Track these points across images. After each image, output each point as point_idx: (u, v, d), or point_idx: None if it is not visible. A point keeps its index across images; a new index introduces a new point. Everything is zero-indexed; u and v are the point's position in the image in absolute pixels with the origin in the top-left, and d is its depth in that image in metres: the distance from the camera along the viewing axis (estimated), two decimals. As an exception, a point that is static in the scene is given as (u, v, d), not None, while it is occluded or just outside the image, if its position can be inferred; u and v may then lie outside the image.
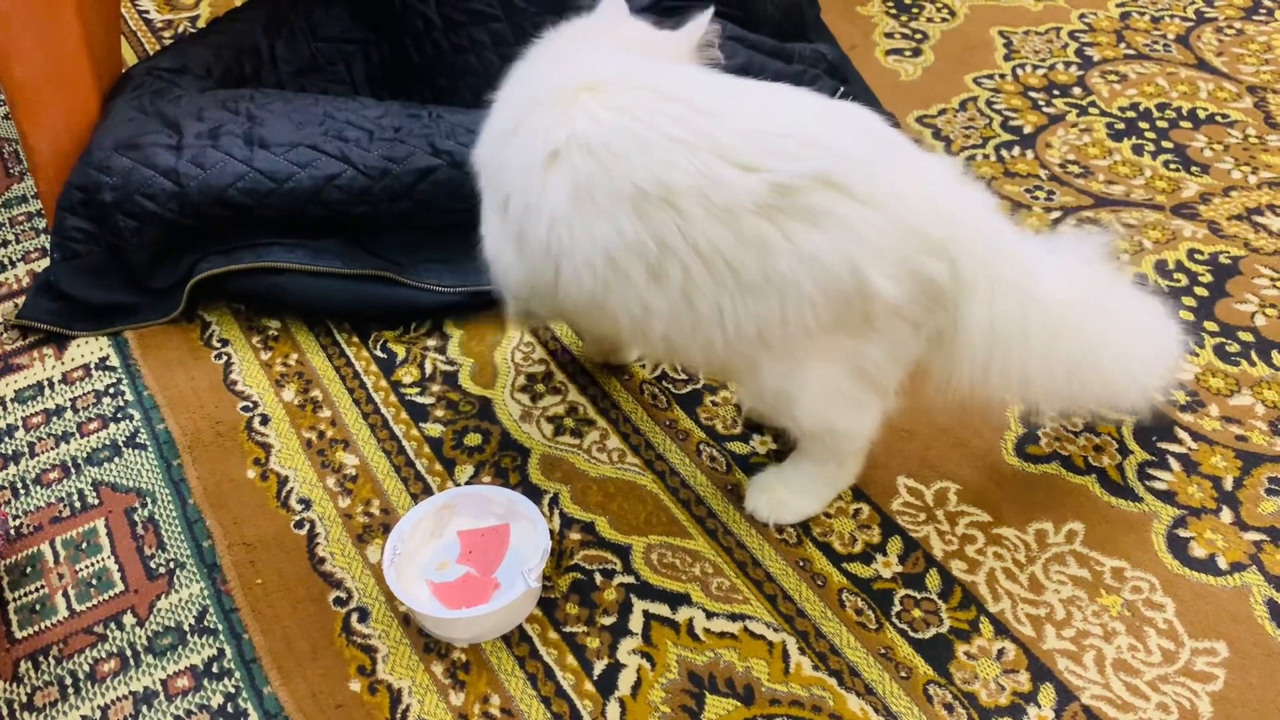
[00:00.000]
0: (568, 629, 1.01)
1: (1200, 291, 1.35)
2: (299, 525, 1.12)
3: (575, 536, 1.09)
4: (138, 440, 1.21)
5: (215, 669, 1.00)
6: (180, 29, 1.96)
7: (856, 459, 1.10)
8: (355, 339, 1.33)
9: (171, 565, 1.09)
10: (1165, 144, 1.60)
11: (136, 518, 1.13)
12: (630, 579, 1.05)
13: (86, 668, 1.00)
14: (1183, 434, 1.18)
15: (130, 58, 1.87)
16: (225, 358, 1.31)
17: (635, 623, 1.02)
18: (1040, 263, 0.96)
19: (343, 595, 1.05)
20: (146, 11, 2.02)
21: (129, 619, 1.04)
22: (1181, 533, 1.08)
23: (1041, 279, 0.95)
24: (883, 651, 0.99)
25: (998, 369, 0.95)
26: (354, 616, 1.03)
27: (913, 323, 0.94)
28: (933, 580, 1.05)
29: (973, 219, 0.92)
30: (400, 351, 1.31)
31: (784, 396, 0.99)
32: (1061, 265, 0.98)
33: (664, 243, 0.89)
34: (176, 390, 1.27)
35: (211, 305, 1.38)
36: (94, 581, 1.08)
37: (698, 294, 0.91)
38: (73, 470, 1.19)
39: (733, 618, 1.02)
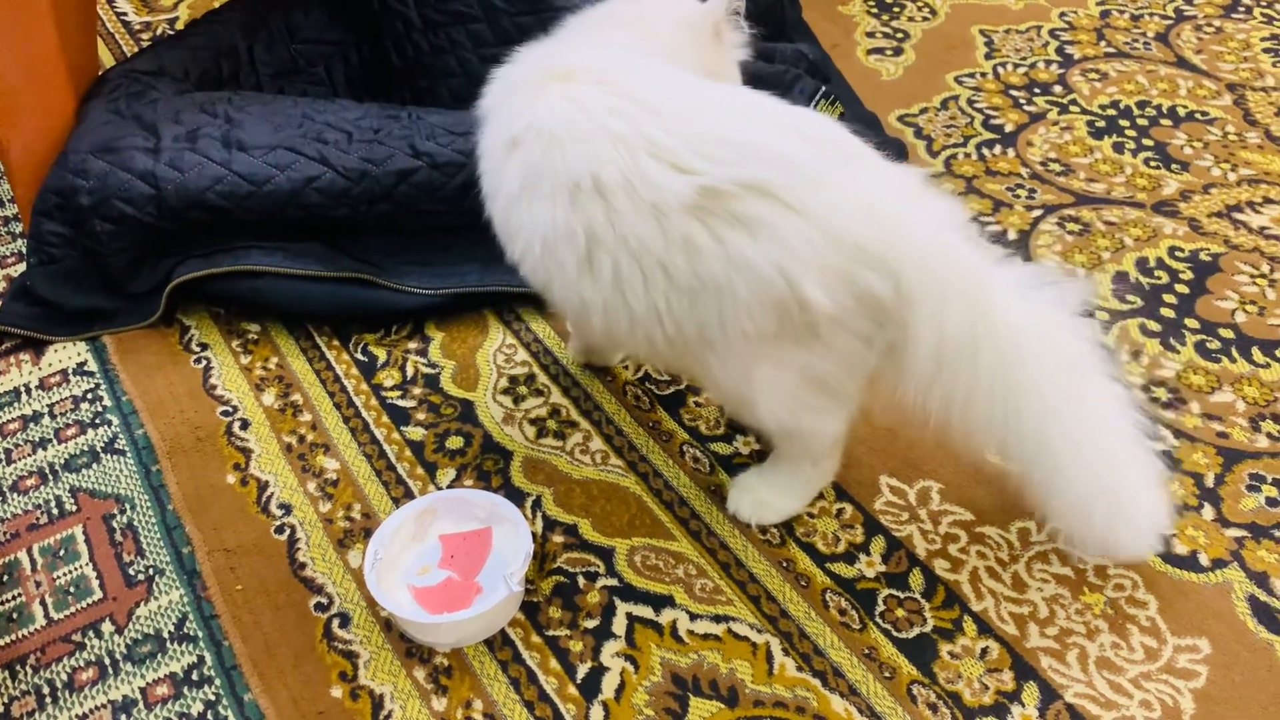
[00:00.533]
0: (551, 632, 1.01)
1: (1181, 289, 1.35)
2: (279, 530, 1.11)
3: (558, 539, 1.09)
4: (116, 446, 1.20)
5: (195, 676, 0.99)
6: (158, 31, 1.94)
7: (832, 458, 1.10)
8: (336, 342, 1.32)
9: (151, 572, 1.08)
10: (1146, 142, 1.61)
11: (115, 524, 1.12)
12: (613, 581, 1.05)
13: (64, 677, 0.99)
14: (1164, 431, 1.18)
15: (108, 59, 1.85)
16: (205, 362, 1.30)
17: (619, 625, 1.01)
18: (1000, 288, 0.93)
19: (324, 601, 1.04)
20: (124, 13, 2.01)
21: (108, 627, 1.03)
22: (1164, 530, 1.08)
23: (999, 304, 0.92)
24: (866, 652, 0.99)
25: (942, 388, 0.93)
26: (335, 622, 1.02)
27: (861, 336, 0.92)
28: (916, 579, 1.04)
29: (922, 234, 0.90)
30: (381, 354, 1.30)
31: (740, 399, 1.00)
32: (1027, 303, 0.93)
33: (593, 233, 0.90)
34: (155, 395, 1.26)
35: (190, 309, 1.37)
36: (72, 589, 1.07)
37: (630, 289, 0.91)
38: (50, 477, 1.17)
39: (716, 619, 1.01)
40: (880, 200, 0.89)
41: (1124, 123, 1.65)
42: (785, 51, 1.61)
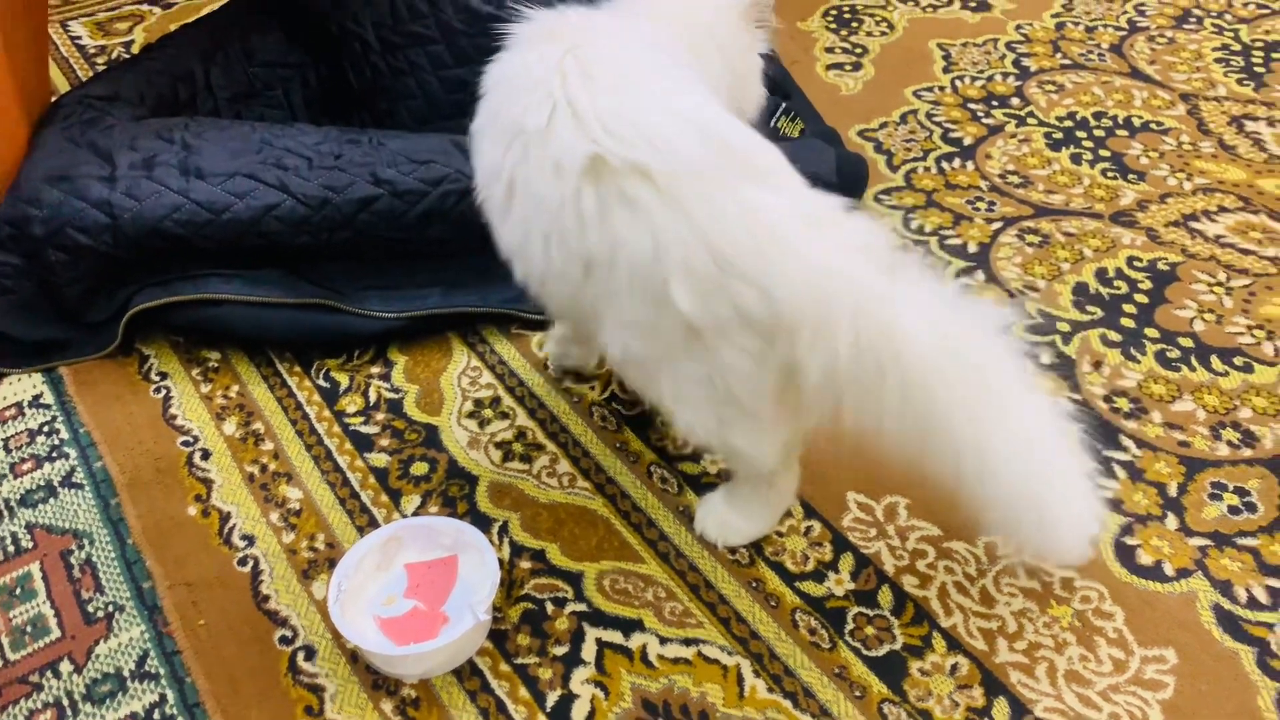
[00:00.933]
0: (519, 660, 1.00)
1: (1140, 298, 1.37)
2: (242, 563, 1.09)
3: (526, 565, 1.08)
4: (74, 480, 1.18)
5: (158, 715, 0.97)
6: (114, 55, 1.92)
7: (786, 480, 1.09)
8: (297, 368, 1.31)
9: (110, 609, 1.06)
10: (1102, 152, 1.63)
11: (73, 560, 1.10)
12: (582, 607, 1.04)
13: (22, 719, 0.97)
14: (1127, 441, 1.19)
15: (62, 84, 1.83)
16: (164, 391, 1.28)
17: (588, 651, 1.00)
18: (911, 309, 0.88)
19: (288, 634, 1.03)
20: (78, 37, 1.98)
21: (66, 666, 1.01)
22: (1128, 540, 1.09)
23: (906, 327, 0.87)
24: (837, 671, 0.98)
25: (848, 410, 0.90)
26: (300, 655, 1.01)
27: (748, 352, 0.90)
28: (885, 597, 1.04)
29: (810, 259, 0.86)
30: (344, 380, 1.29)
31: (660, 405, 1.00)
32: (945, 321, 0.89)
33: (511, 178, 0.95)
34: (114, 427, 1.24)
35: (149, 338, 1.35)
36: (29, 629, 1.04)
37: (533, 241, 0.95)
38: (5, 513, 1.15)
39: (686, 642, 1.01)
40: (767, 217, 0.87)
41: (1081, 134, 1.67)
42: (745, 68, 1.61)
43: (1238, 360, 1.28)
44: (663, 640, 1.01)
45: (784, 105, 1.53)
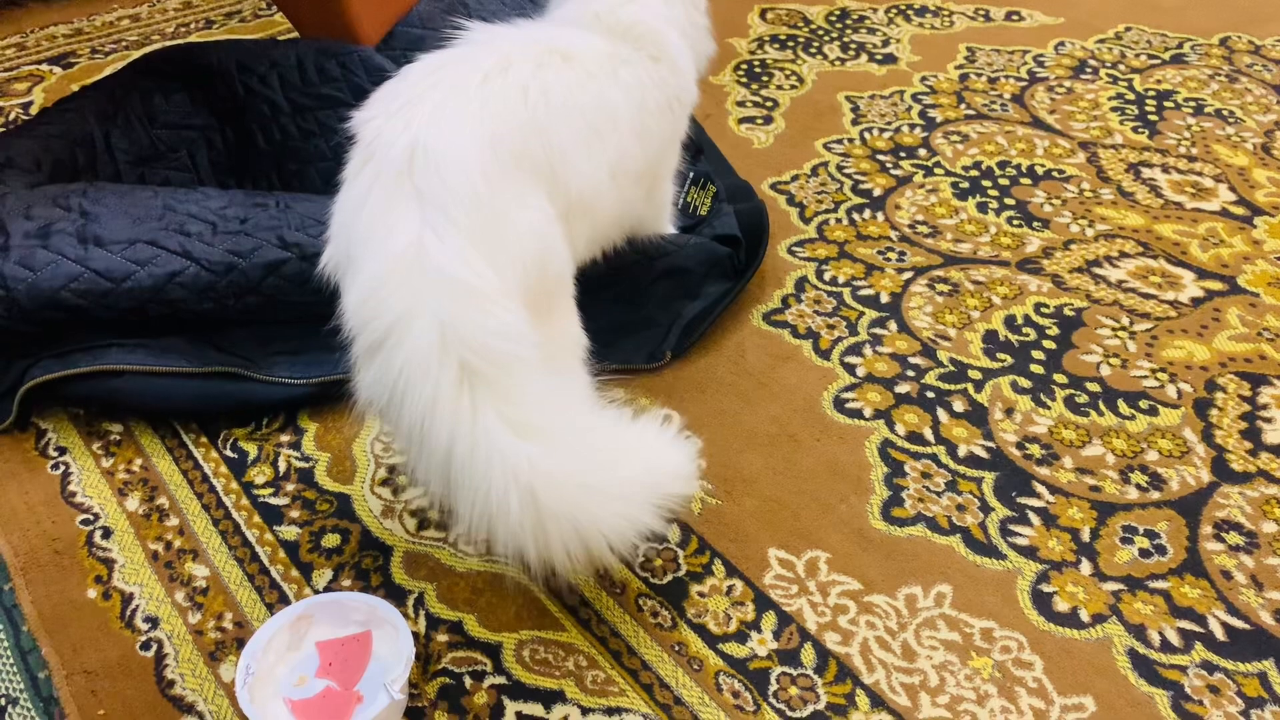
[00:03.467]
0: (437, 738, 0.97)
1: (1048, 344, 1.39)
2: (145, 646, 1.05)
3: (442, 638, 1.05)
4: (-35, 565, 1.13)
5: (53, 815, 0.92)
6: (11, 117, 1.87)
7: None
8: (204, 439, 1.27)
9: (2, 702, 1.00)
10: (1008, 201, 1.67)
11: (-37, 651, 1.05)
12: (502, 679, 1.01)
13: (-95, 827, 0.92)
14: (1040, 487, 1.20)
15: (-44, 149, 1.77)
16: (63, 467, 1.24)
17: (508, 725, 0.98)
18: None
19: (194, 721, 0.99)
20: (-26, 100, 1.93)
21: (-46, 767, 0.96)
22: (1045, 588, 1.10)
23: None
24: (762, 734, 0.97)
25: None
26: (207, 743, 0.97)
27: None
28: (808, 655, 1.04)
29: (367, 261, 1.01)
30: (252, 450, 1.25)
31: None
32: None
33: None
34: (9, 507, 1.19)
35: (47, 411, 1.30)
36: (-86, 728, 0.99)
37: None
38: (-110, 604, 1.09)
39: (609, 711, 0.99)
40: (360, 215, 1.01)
41: (986, 183, 1.70)
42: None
43: (1143, 404, 1.31)
44: (585, 710, 0.99)
45: (691, 175, 1.53)
